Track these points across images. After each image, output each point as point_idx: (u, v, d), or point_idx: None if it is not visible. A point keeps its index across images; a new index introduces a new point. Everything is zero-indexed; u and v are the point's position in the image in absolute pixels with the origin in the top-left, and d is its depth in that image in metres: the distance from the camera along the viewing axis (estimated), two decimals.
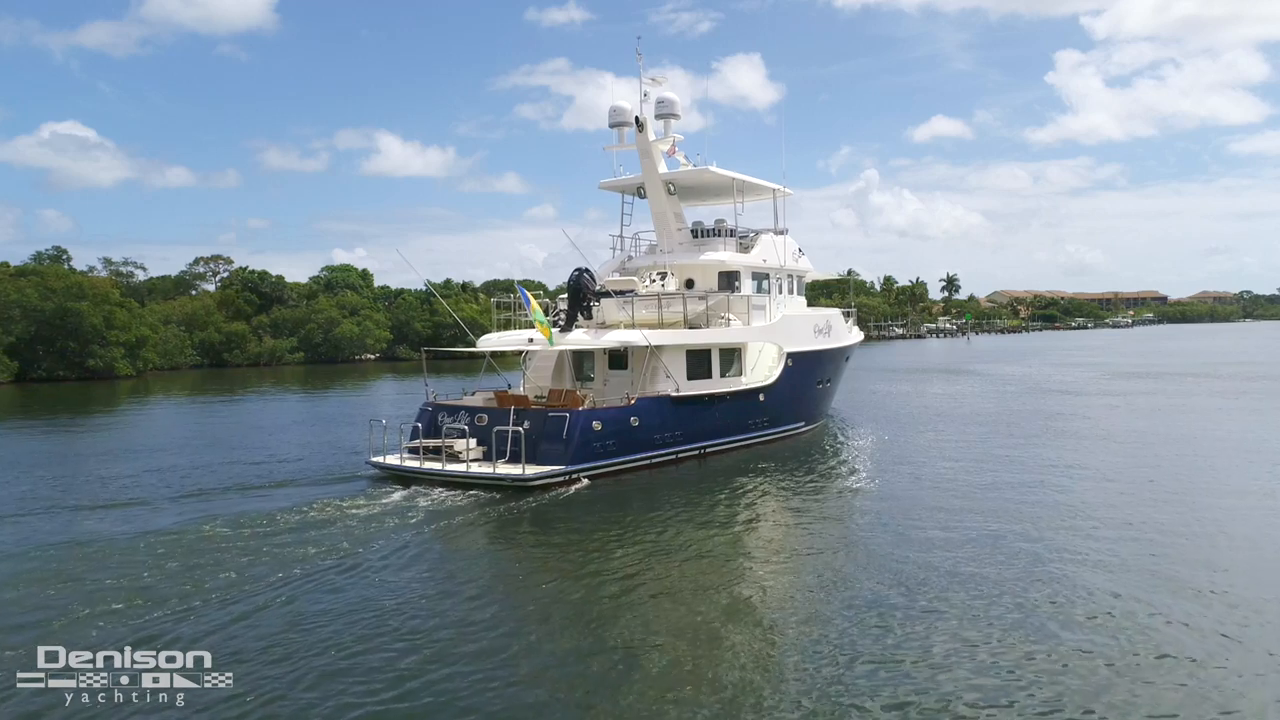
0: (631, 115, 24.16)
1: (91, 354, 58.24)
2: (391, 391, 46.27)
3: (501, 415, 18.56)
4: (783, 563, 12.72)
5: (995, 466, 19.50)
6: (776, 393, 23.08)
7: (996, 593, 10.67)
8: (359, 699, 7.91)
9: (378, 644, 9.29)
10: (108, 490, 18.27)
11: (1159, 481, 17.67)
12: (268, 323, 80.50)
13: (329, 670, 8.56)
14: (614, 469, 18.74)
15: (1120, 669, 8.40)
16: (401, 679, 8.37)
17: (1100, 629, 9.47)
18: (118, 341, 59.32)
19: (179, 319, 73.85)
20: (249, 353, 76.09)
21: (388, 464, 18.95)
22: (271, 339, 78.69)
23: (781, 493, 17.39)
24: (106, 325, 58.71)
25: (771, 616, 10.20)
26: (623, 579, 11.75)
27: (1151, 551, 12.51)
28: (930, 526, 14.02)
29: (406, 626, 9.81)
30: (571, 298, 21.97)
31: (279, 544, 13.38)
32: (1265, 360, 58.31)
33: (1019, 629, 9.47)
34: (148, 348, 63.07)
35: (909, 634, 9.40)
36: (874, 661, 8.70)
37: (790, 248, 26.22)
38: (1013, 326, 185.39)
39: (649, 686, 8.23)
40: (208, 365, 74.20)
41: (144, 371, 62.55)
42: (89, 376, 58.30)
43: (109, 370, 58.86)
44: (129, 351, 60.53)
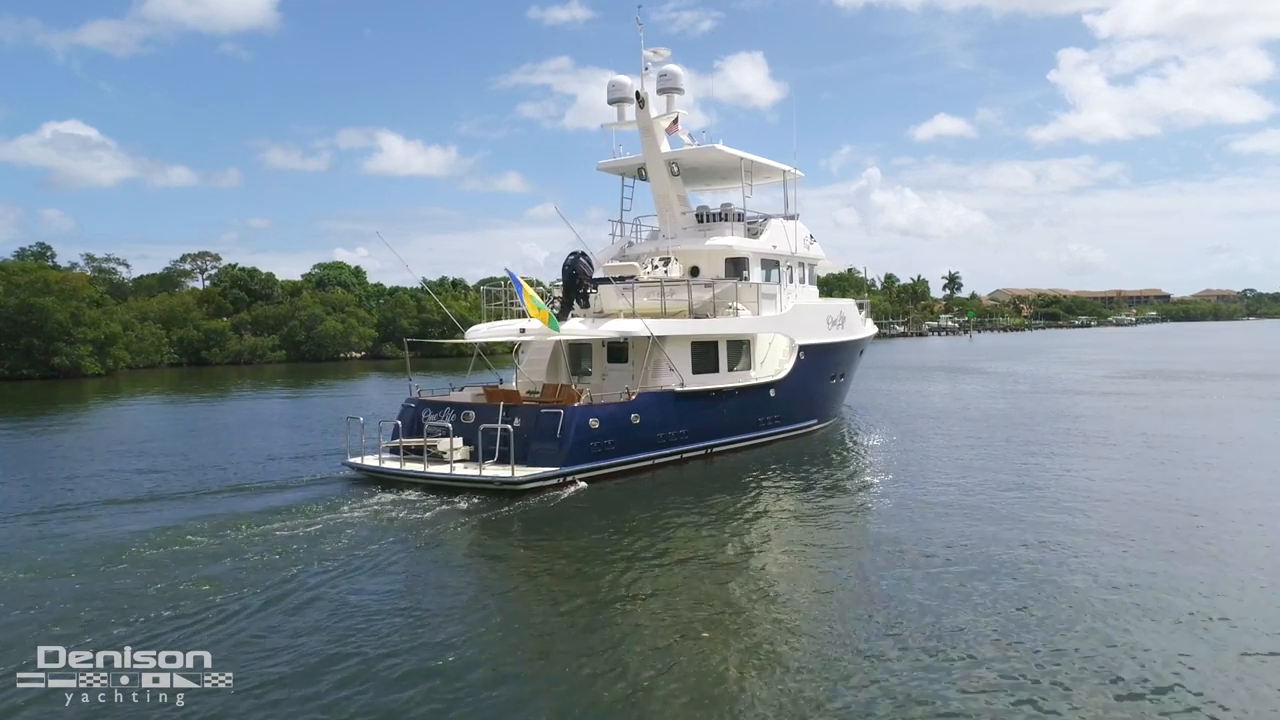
0: (632, 90, 22.46)
1: (57, 351, 55.92)
2: (376, 390, 44.46)
3: (490, 412, 16.95)
4: (803, 583, 10.99)
5: (1024, 476, 17.53)
6: (788, 388, 21.45)
7: (1030, 624, 9.10)
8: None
9: (334, 674, 7.92)
10: (44, 496, 16.53)
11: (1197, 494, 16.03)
12: (249, 320, 78.46)
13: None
14: (613, 470, 17.11)
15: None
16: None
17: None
18: (85, 339, 57.01)
19: (157, 316, 71.64)
20: (229, 351, 73.97)
21: (365, 465, 17.37)
22: (253, 336, 76.62)
23: (796, 500, 15.69)
24: (74, 322, 56.38)
25: (794, 655, 8.45)
26: (620, 596, 10.31)
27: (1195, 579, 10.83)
28: (960, 546, 12.27)
29: (361, 650, 8.56)
30: (567, 284, 20.19)
31: (230, 554, 11.79)
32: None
33: (1056, 663, 8.01)
34: (118, 345, 60.76)
35: (934, 668, 7.89)
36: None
37: (802, 233, 24.59)
38: (1015, 325, 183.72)
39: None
40: (186, 364, 72.12)
41: (114, 370, 60.26)
42: (54, 375, 56.00)
43: (75, 368, 56.54)
44: (97, 349, 58.24)
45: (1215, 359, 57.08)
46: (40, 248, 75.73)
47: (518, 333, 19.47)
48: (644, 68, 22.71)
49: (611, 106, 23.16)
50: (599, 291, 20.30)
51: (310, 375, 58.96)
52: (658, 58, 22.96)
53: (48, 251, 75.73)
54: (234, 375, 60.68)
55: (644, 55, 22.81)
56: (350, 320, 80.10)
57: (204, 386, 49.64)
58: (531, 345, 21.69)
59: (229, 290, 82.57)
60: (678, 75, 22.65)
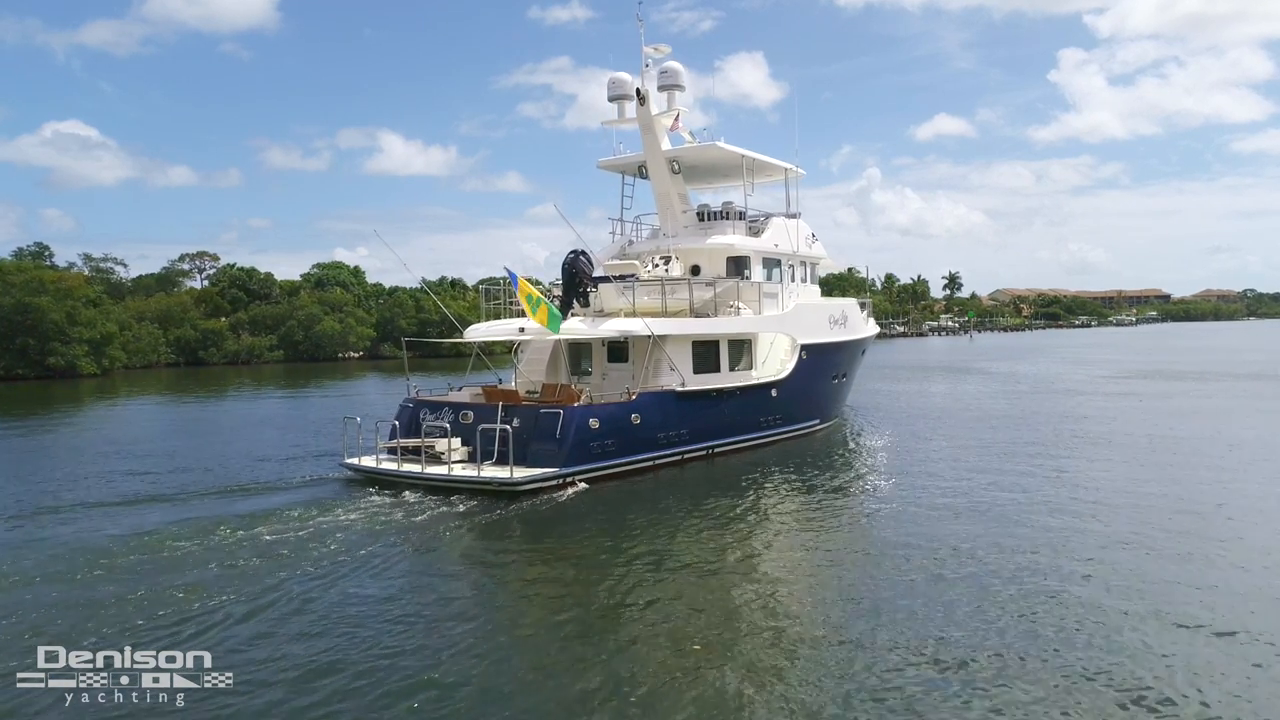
0: (632, 87, 22.19)
1: (52, 351, 55.56)
2: (374, 390, 44.15)
3: (488, 412, 16.68)
4: (808, 587, 10.72)
5: (1031, 479, 17.22)
6: (790, 387, 21.19)
7: (1044, 637, 8.81)
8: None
9: (323, 688, 7.64)
10: (27, 499, 16.24)
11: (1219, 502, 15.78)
12: (246, 319, 78.11)
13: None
14: (613, 471, 16.84)
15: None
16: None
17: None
18: (81, 339, 56.64)
19: (154, 316, 71.28)
20: (226, 351, 73.60)
21: (363, 466, 17.11)
22: (250, 336, 76.25)
23: (799, 503, 15.41)
24: (69, 321, 56.01)
25: (796, 670, 8.13)
26: (619, 604, 9.97)
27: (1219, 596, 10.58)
28: (968, 553, 11.94)
29: (349, 661, 8.25)
30: (566, 283, 19.93)
31: (221, 557, 11.50)
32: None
33: (1064, 671, 7.76)
34: (114, 345, 60.39)
35: (947, 683, 7.59)
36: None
37: (804, 232, 24.32)
38: (1016, 325, 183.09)
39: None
40: (183, 364, 71.72)
41: (110, 370, 59.92)
42: (50, 375, 55.66)
43: (71, 369, 56.18)
44: (93, 349, 57.88)
45: (1218, 359, 56.76)
46: (38, 247, 75.63)
47: (517, 331, 19.21)
48: (644, 64, 22.44)
49: (612, 104, 22.92)
50: (599, 290, 20.03)
51: (308, 375, 58.60)
52: (658, 54, 22.68)
53: (45, 251, 75.60)
54: (231, 375, 60.31)
55: (644, 52, 22.54)
56: (348, 320, 79.78)
57: (200, 387, 49.27)
58: (531, 345, 21.43)
59: (227, 290, 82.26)
60: (679, 72, 22.38)
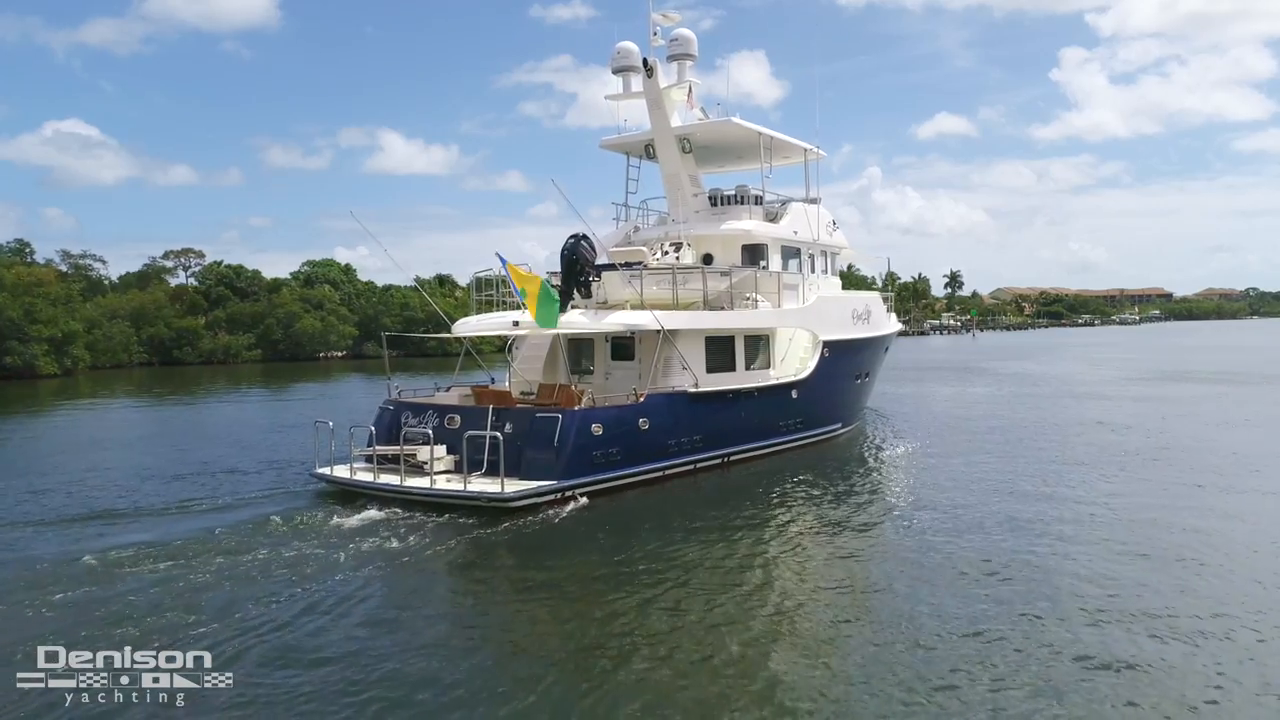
0: (639, 57, 20.11)
1: (9, 350, 52.49)
2: (354, 391, 41.93)
3: (477, 416, 14.65)
4: (834, 636, 8.65)
5: (1069, 493, 14.95)
6: (811, 388, 19.23)
7: (1092, 669, 7.51)
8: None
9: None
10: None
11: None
12: (223, 317, 75.40)
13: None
14: (618, 483, 14.85)
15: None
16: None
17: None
18: (40, 336, 53.64)
19: (127, 314, 68.48)
20: (201, 350, 70.88)
21: (335, 476, 15.07)
22: (227, 335, 73.51)
23: (825, 520, 13.34)
24: (28, 319, 53.03)
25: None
26: (622, 644, 8.39)
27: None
28: (1005, 571, 10.32)
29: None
30: (566, 271, 17.69)
31: (162, 583, 9.66)
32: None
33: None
34: (77, 344, 57.49)
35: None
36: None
37: (824, 219, 22.38)
38: (1018, 323, 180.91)
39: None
40: (157, 363, 68.99)
41: (74, 370, 57.06)
42: (6, 375, 52.46)
43: (29, 368, 53.13)
44: (55, 348, 54.95)
45: (1238, 359, 54.59)
46: (19, 244, 73.15)
47: (510, 325, 17.04)
48: (652, 32, 20.35)
49: (616, 77, 20.79)
50: (602, 279, 17.95)
51: (286, 375, 56.24)
52: (667, 22, 20.62)
53: (25, 248, 73.04)
54: (205, 375, 57.84)
55: (652, 18, 20.44)
56: (329, 318, 77.23)
57: (171, 387, 46.80)
58: (526, 340, 19.30)
59: (213, 288, 79.40)
60: (690, 40, 20.31)
